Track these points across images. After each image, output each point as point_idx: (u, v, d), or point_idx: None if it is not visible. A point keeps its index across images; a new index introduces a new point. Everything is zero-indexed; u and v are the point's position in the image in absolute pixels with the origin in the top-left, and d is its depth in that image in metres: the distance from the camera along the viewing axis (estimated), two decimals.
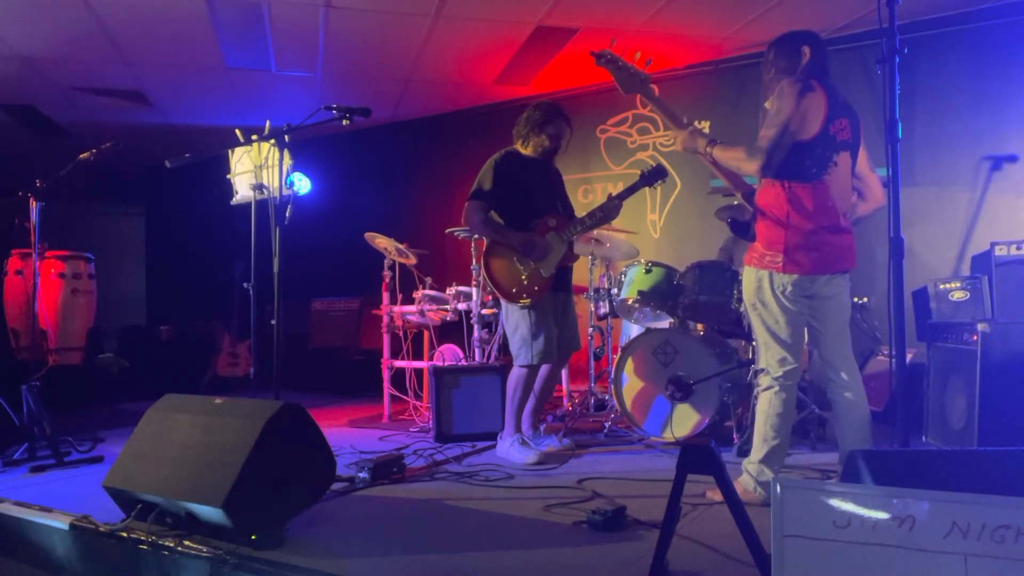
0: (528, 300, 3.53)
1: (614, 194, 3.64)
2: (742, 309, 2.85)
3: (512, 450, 3.53)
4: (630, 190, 3.61)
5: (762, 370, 2.72)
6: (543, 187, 3.71)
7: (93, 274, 5.93)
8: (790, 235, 2.61)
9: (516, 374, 3.60)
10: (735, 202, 2.96)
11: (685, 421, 3.82)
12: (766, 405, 2.68)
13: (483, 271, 3.63)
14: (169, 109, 6.83)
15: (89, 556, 2.44)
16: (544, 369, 3.66)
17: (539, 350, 3.53)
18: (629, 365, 4.02)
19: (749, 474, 2.69)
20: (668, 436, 3.83)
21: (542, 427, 3.87)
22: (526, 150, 3.73)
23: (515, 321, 3.59)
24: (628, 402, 4.01)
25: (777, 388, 2.66)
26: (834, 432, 2.91)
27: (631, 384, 4.01)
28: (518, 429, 3.62)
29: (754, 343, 2.90)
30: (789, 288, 2.63)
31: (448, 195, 6.93)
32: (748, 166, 2.59)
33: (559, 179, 3.89)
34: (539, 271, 3.55)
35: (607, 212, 3.62)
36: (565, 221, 3.66)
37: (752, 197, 2.79)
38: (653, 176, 3.60)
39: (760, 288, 2.67)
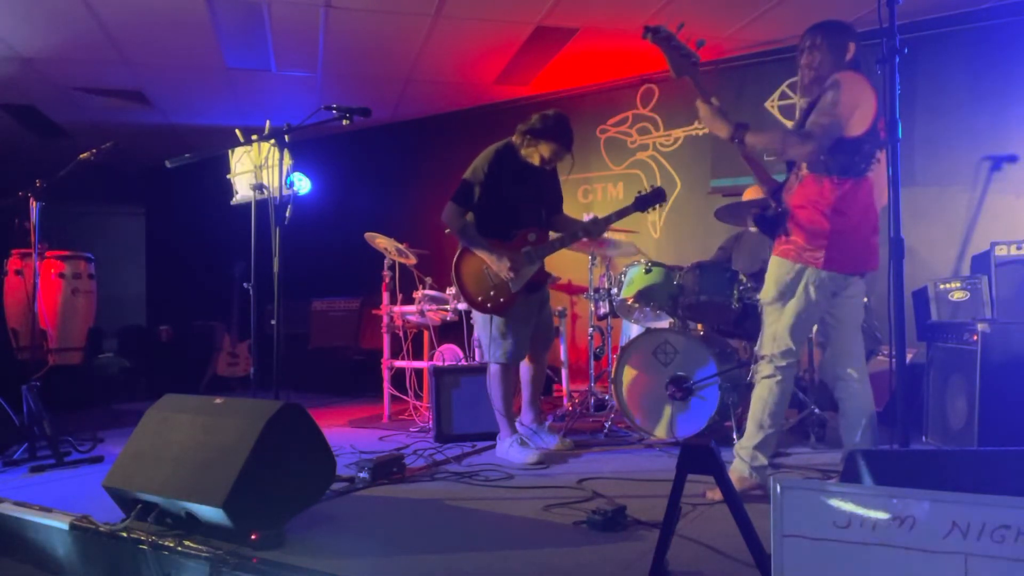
0: (491, 311, 3.53)
1: (600, 217, 3.61)
2: (759, 298, 2.83)
3: (512, 450, 3.52)
4: (620, 213, 3.57)
5: (764, 357, 2.72)
6: (533, 189, 3.65)
7: (93, 274, 5.93)
8: (834, 231, 2.60)
9: (490, 372, 3.62)
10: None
11: (685, 421, 3.82)
12: (765, 392, 2.70)
13: (452, 273, 3.62)
14: (169, 109, 6.83)
15: (89, 556, 2.45)
16: (525, 364, 3.68)
17: (507, 350, 3.54)
18: (629, 365, 4.02)
19: (742, 459, 2.71)
20: (668, 436, 3.83)
21: (547, 424, 3.88)
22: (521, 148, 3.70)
23: (482, 321, 3.61)
24: (628, 402, 4.00)
25: (779, 377, 2.69)
26: (834, 432, 2.91)
27: (631, 384, 4.01)
28: (514, 429, 3.62)
29: (760, 339, 2.87)
30: (827, 282, 2.63)
31: (448, 195, 6.91)
32: (799, 151, 2.58)
33: (553, 177, 3.81)
34: (507, 285, 3.53)
35: (589, 233, 3.60)
36: (544, 237, 3.62)
37: (779, 193, 2.78)
38: (648, 200, 3.55)
39: (795, 279, 2.66)
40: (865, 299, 4.20)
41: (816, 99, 2.61)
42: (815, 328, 3.21)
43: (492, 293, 3.53)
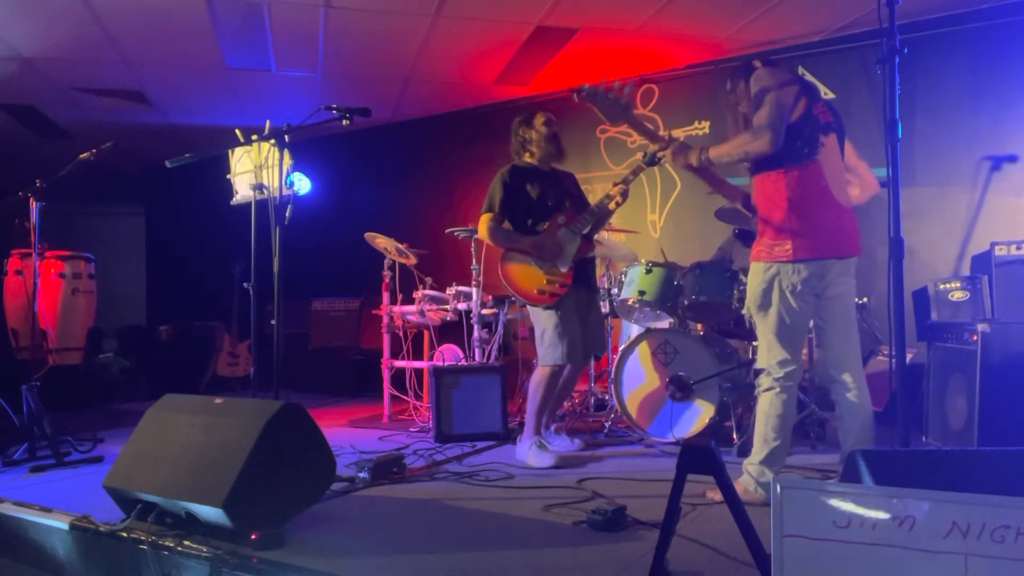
0: (552, 300, 3.53)
1: (617, 181, 3.61)
2: (744, 312, 2.84)
3: (531, 453, 3.50)
4: (635, 172, 3.56)
5: (762, 370, 2.71)
6: (552, 190, 3.70)
7: (93, 274, 5.93)
8: (793, 220, 2.59)
9: (539, 375, 3.59)
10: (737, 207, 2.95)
11: (685, 421, 3.82)
12: (767, 406, 2.67)
13: (502, 279, 3.62)
14: (169, 109, 6.83)
15: (89, 556, 2.44)
16: (565, 369, 3.66)
17: (564, 351, 3.51)
18: (629, 365, 4.02)
19: (750, 475, 2.68)
20: (668, 436, 3.83)
21: (553, 427, 3.88)
22: (532, 159, 3.74)
23: (542, 323, 3.58)
24: (628, 402, 4.01)
25: (778, 389, 2.65)
26: (834, 432, 2.90)
27: (631, 384, 4.01)
28: (538, 431, 3.61)
29: (754, 343, 2.89)
30: (799, 287, 2.61)
31: (448, 195, 6.92)
32: (757, 145, 2.55)
33: (571, 180, 3.88)
34: (558, 268, 3.55)
35: (612, 196, 3.58)
36: (574, 215, 3.65)
37: (750, 201, 2.79)
38: (655, 155, 3.56)
39: (769, 288, 2.64)
40: (865, 299, 4.22)
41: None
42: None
43: (547, 282, 3.54)
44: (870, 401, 2.70)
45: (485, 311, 4.69)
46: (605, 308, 4.54)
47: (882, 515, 1.35)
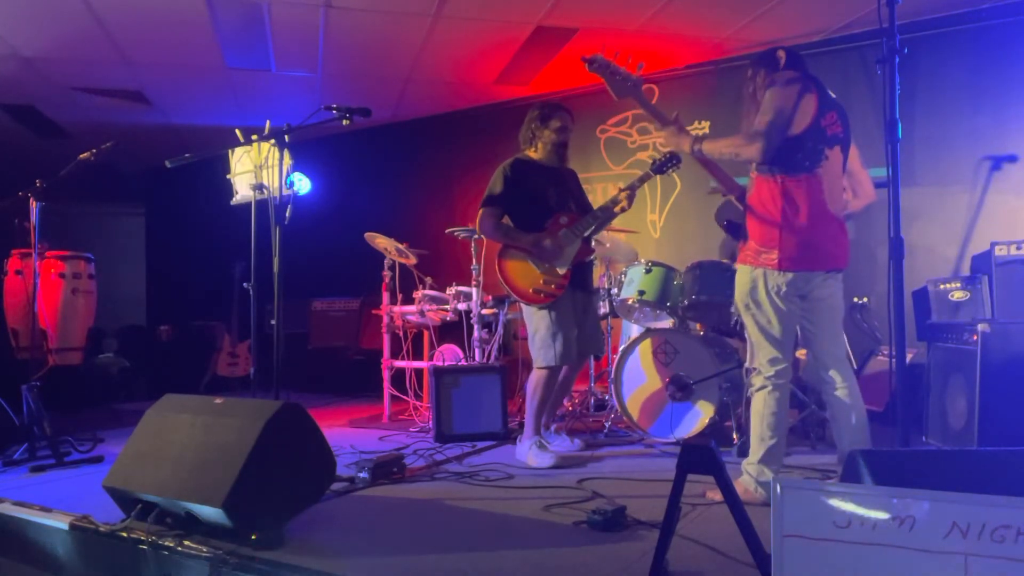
0: (547, 300, 3.52)
1: (623, 186, 3.62)
2: (733, 309, 2.84)
3: (530, 453, 3.50)
4: (642, 179, 3.58)
5: (754, 369, 2.71)
6: (555, 188, 3.68)
7: (93, 274, 5.93)
8: (784, 230, 2.59)
9: (535, 377, 3.57)
10: (731, 200, 2.95)
11: (685, 421, 3.82)
12: (760, 405, 2.68)
13: (498, 275, 3.61)
14: (169, 109, 6.83)
15: (89, 556, 2.45)
16: (561, 370, 3.65)
17: (559, 352, 3.50)
18: (629, 365, 4.02)
19: (749, 474, 2.68)
20: (668, 436, 3.83)
21: (553, 427, 3.87)
22: (537, 154, 3.72)
23: (535, 323, 3.56)
24: (628, 402, 4.01)
25: (770, 387, 2.66)
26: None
27: (631, 384, 4.01)
28: (537, 431, 3.61)
29: (747, 352, 2.89)
30: (784, 288, 2.61)
31: (448, 195, 6.92)
32: (748, 151, 2.54)
33: (574, 179, 3.87)
34: (555, 269, 3.54)
35: (619, 201, 3.58)
36: (577, 217, 3.64)
37: (745, 197, 2.79)
38: (665, 164, 3.56)
39: (754, 288, 2.66)
40: (865, 299, 4.22)
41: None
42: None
43: (543, 281, 3.53)
44: (862, 399, 2.70)
45: (485, 311, 4.69)
46: (605, 308, 4.54)
47: (882, 515, 1.35)
